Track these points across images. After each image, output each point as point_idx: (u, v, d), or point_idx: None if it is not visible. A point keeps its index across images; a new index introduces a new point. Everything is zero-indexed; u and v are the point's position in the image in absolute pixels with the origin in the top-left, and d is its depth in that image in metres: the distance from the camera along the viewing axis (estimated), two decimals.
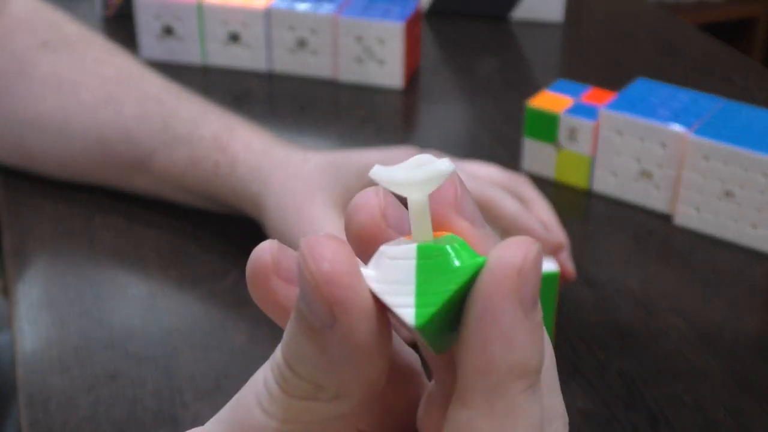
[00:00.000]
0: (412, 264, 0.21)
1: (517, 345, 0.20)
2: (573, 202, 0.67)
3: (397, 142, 0.71)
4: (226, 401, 0.23)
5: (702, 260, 0.61)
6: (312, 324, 0.20)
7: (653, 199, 0.65)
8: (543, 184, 0.68)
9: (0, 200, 0.65)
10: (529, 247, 0.20)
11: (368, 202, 0.22)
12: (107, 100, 0.63)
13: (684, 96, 0.67)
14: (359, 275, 0.20)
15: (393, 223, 0.22)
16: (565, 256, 0.54)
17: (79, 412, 0.48)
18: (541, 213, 0.56)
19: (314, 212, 0.53)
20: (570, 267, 0.54)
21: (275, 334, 0.57)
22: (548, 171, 0.69)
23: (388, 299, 0.20)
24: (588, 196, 0.68)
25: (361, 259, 0.23)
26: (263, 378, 0.22)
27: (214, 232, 0.62)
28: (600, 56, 0.91)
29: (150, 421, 0.48)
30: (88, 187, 0.66)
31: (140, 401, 0.49)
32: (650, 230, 0.64)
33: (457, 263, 0.21)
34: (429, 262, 0.21)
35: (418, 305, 0.20)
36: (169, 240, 0.61)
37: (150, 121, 0.61)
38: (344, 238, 0.22)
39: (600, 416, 0.49)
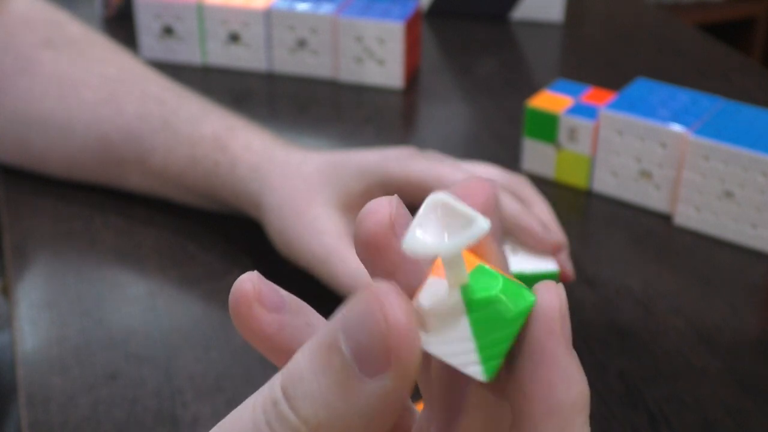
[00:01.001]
0: (465, 320, 0.21)
1: (575, 380, 0.21)
2: (573, 202, 0.67)
3: (397, 142, 0.71)
4: (226, 401, 0.23)
5: (702, 260, 0.61)
6: (348, 368, 0.20)
7: (653, 199, 0.66)
8: (543, 184, 0.68)
9: (0, 200, 0.65)
10: (559, 289, 0.21)
11: (379, 210, 0.23)
12: (108, 98, 0.63)
13: (684, 96, 0.67)
14: (419, 336, 0.20)
15: (401, 234, 0.22)
16: (565, 256, 0.54)
17: (79, 412, 0.48)
18: (541, 213, 0.56)
19: (314, 212, 0.53)
20: (569, 268, 0.54)
21: None
22: (548, 171, 0.69)
23: (453, 361, 0.20)
24: (588, 196, 0.68)
25: (366, 266, 0.23)
26: (252, 414, 0.21)
27: (214, 232, 0.62)
28: (600, 56, 0.91)
29: (150, 421, 0.48)
30: (88, 187, 0.66)
31: (140, 401, 0.49)
32: (650, 230, 0.64)
33: (510, 310, 0.21)
34: (481, 314, 0.21)
35: (484, 361, 0.20)
36: (169, 240, 0.61)
37: (151, 120, 0.62)
38: (347, 238, 0.22)
39: (600, 416, 0.49)
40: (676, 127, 0.63)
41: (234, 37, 0.84)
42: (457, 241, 0.20)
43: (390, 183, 0.53)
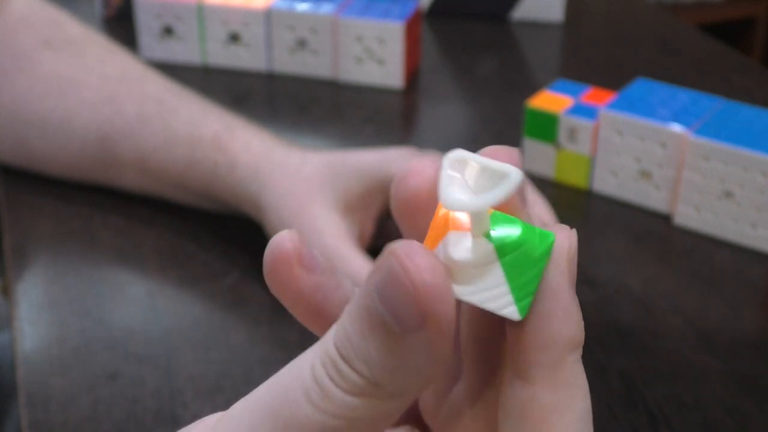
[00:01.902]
0: (497, 266, 0.22)
1: (573, 319, 0.22)
2: (573, 202, 0.67)
3: (397, 142, 0.71)
4: (226, 401, 0.23)
5: (702, 260, 0.61)
6: (390, 327, 0.20)
7: (653, 199, 0.66)
8: (543, 184, 0.68)
9: (0, 200, 0.65)
10: (571, 232, 0.22)
11: (425, 170, 0.23)
12: (108, 99, 0.63)
13: (684, 96, 0.67)
14: (451, 288, 0.20)
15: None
16: None
17: (79, 412, 0.48)
18: (541, 213, 0.56)
19: (314, 212, 0.53)
20: None
21: (275, 334, 0.57)
22: (548, 171, 0.69)
23: (489, 306, 0.22)
24: (588, 196, 0.68)
25: (399, 222, 0.24)
26: (311, 371, 0.22)
27: (214, 232, 0.62)
28: (600, 56, 0.91)
29: (150, 421, 0.48)
30: (88, 187, 0.66)
31: (140, 401, 0.49)
32: (650, 230, 0.64)
33: (536, 249, 0.22)
34: (512, 257, 0.22)
35: (517, 301, 0.21)
36: (169, 240, 0.61)
37: (150, 120, 0.62)
38: (348, 238, 0.22)
39: (600, 416, 0.49)
40: (676, 127, 0.63)
41: (234, 37, 0.84)
42: (497, 194, 0.21)
43: (390, 183, 0.53)
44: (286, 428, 0.22)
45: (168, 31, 0.85)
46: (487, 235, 0.22)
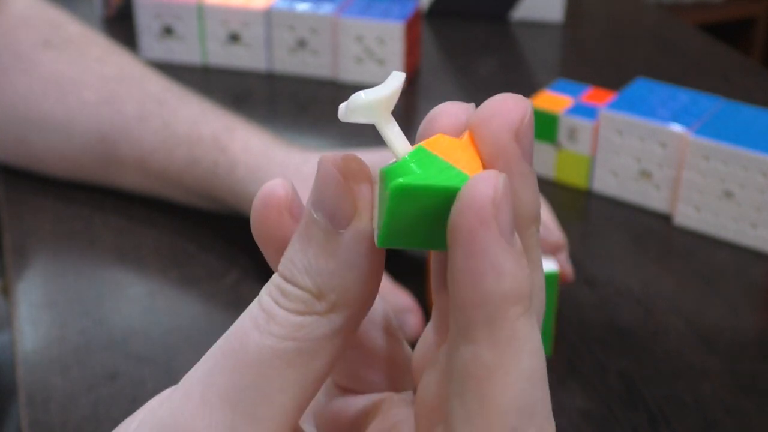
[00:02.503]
0: (375, 190, 0.23)
1: (507, 272, 0.20)
2: (573, 202, 0.67)
3: None
4: None
5: (702, 260, 0.61)
6: (325, 229, 0.22)
7: (653, 199, 0.66)
8: (543, 184, 0.68)
9: (1, 200, 0.65)
10: (497, 177, 0.21)
11: (456, 111, 0.23)
12: (108, 99, 0.63)
13: (684, 96, 0.67)
14: (372, 180, 0.22)
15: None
16: (564, 256, 0.54)
17: (79, 411, 0.48)
18: (541, 214, 0.56)
19: None
20: (569, 268, 0.54)
21: None
22: (548, 171, 0.69)
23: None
24: (588, 196, 0.68)
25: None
26: (258, 302, 0.23)
27: (214, 232, 0.62)
28: (600, 56, 0.91)
29: None
30: (88, 187, 0.66)
31: (140, 401, 0.49)
32: (650, 230, 0.64)
33: (388, 187, 0.21)
34: (380, 186, 0.22)
35: (377, 227, 0.22)
36: (169, 240, 0.61)
37: (150, 120, 0.62)
38: None
39: (600, 416, 0.49)
40: (676, 127, 0.63)
41: (234, 37, 0.84)
42: (385, 90, 0.22)
43: None
44: (238, 362, 0.23)
45: (168, 31, 0.85)
46: (396, 161, 0.22)
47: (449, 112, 0.23)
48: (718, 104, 0.66)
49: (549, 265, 0.51)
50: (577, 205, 0.67)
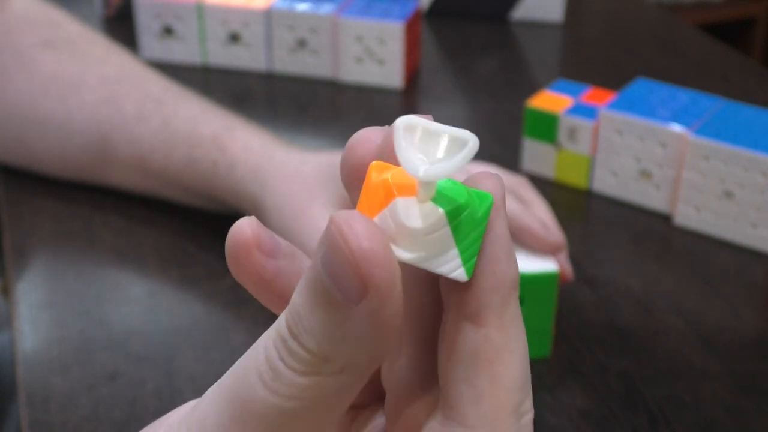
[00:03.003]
0: (447, 230, 0.22)
1: (514, 260, 0.23)
2: (573, 202, 0.67)
3: None
4: None
5: (702, 260, 0.61)
6: (334, 299, 0.20)
7: (653, 199, 0.66)
8: (543, 184, 0.68)
9: (0, 200, 0.65)
10: (498, 177, 0.23)
11: (371, 138, 0.24)
12: (108, 98, 0.63)
13: (684, 96, 0.67)
14: (392, 254, 0.20)
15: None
16: (564, 257, 0.54)
17: (79, 412, 0.48)
18: (541, 214, 0.56)
19: (314, 213, 0.53)
20: (568, 269, 0.54)
21: None
22: (548, 171, 0.69)
23: (442, 269, 0.22)
24: (588, 196, 0.68)
25: (349, 191, 0.24)
26: (265, 352, 0.22)
27: (214, 232, 0.62)
28: (600, 56, 0.91)
29: (150, 421, 0.48)
30: (88, 187, 0.66)
31: (140, 401, 0.49)
32: (650, 230, 0.64)
33: (478, 210, 0.22)
34: (458, 221, 0.22)
35: (464, 262, 0.22)
36: (169, 240, 0.61)
37: (150, 120, 0.62)
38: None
39: (600, 416, 0.49)
40: (676, 127, 0.63)
41: (234, 37, 0.84)
42: (458, 161, 0.21)
43: None
44: (245, 412, 0.22)
45: (168, 30, 0.85)
46: (435, 200, 0.22)
47: (366, 138, 0.24)
48: (718, 104, 0.66)
49: (549, 265, 0.51)
50: (577, 205, 0.67)
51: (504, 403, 0.22)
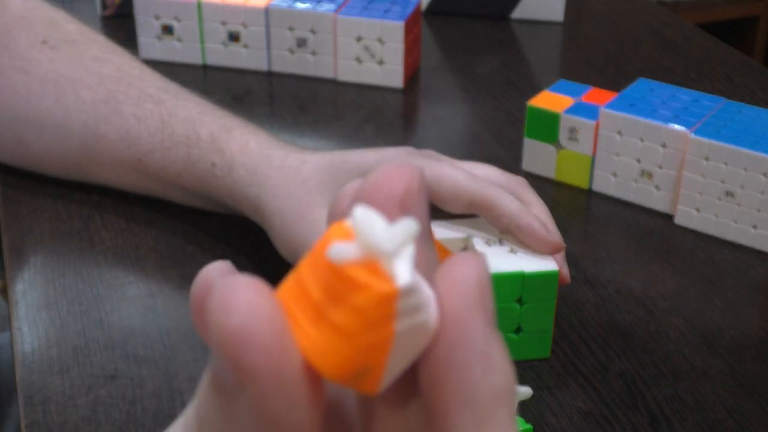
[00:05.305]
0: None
1: (496, 365, 0.18)
2: (573, 202, 0.67)
3: (397, 142, 0.70)
4: None
5: (702, 260, 0.61)
6: (222, 384, 0.17)
7: (653, 199, 0.65)
8: (543, 184, 0.68)
9: None
10: (479, 260, 0.18)
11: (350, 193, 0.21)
12: (106, 98, 0.63)
13: (684, 96, 0.67)
14: (278, 335, 0.17)
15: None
16: (562, 259, 0.54)
17: (78, 412, 0.48)
18: (540, 215, 0.55)
19: (315, 215, 0.53)
20: (566, 271, 0.54)
21: None
22: (548, 171, 0.69)
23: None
24: (588, 196, 0.68)
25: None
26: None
27: (214, 232, 0.62)
28: (600, 56, 0.91)
29: (150, 422, 0.48)
30: (88, 187, 0.66)
31: (140, 401, 0.49)
32: (650, 230, 0.64)
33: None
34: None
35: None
36: (169, 240, 0.61)
37: (148, 120, 0.61)
38: None
39: (600, 416, 0.49)
40: (677, 127, 0.63)
41: (233, 37, 0.84)
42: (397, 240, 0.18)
43: None
44: None
45: (167, 30, 0.85)
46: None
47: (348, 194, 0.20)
48: (718, 104, 0.66)
49: (549, 264, 0.51)
50: (577, 205, 0.67)
51: None
